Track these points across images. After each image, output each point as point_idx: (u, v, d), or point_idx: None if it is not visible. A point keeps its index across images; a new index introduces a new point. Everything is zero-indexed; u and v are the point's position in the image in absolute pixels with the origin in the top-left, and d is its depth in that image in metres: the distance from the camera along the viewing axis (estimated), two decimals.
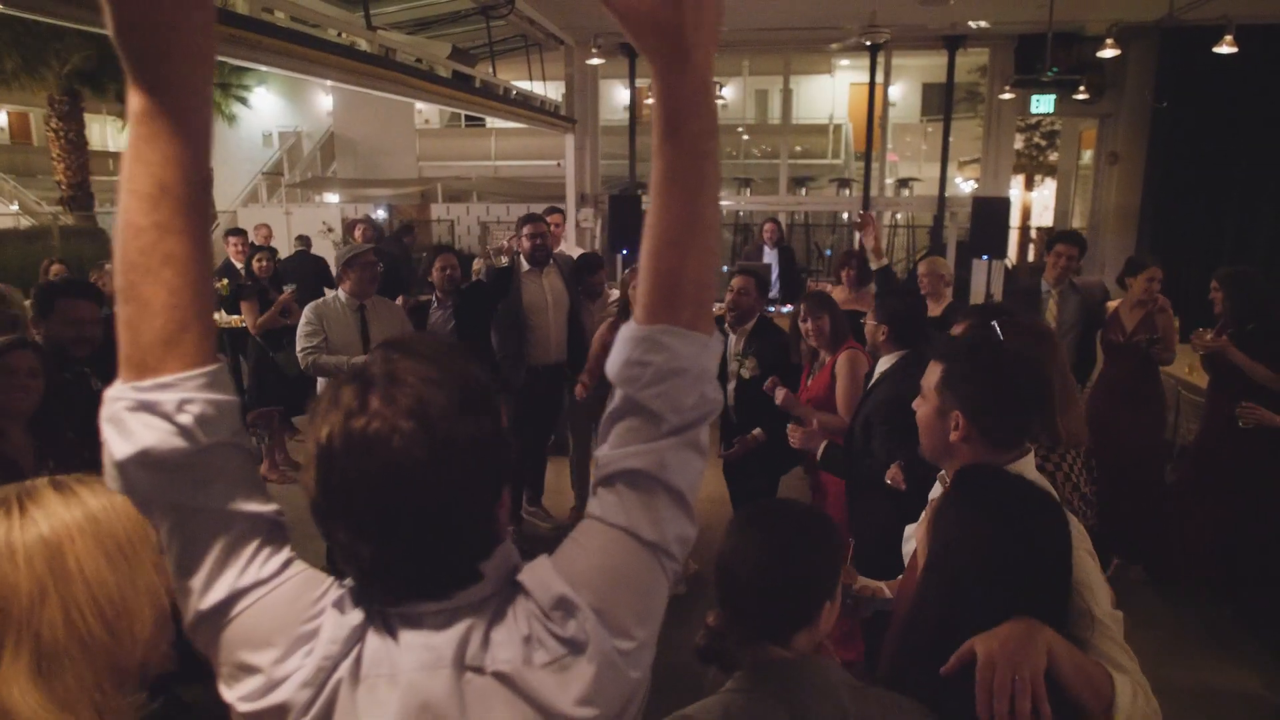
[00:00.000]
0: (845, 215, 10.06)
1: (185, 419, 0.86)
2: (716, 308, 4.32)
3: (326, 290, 5.33)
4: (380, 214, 13.95)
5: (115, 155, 23.02)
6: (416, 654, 0.90)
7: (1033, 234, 15.04)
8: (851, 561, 2.34)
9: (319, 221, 12.29)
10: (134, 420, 0.86)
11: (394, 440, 0.85)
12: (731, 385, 4.37)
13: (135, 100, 0.84)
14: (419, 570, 0.90)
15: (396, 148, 17.13)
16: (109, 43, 0.85)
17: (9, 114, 23.05)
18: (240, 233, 7.47)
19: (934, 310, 5.56)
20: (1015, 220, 17.07)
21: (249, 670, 0.90)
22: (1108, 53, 6.58)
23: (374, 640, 0.91)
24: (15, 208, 18.51)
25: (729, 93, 21.69)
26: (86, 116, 16.27)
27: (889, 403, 3.12)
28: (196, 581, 0.90)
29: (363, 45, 5.28)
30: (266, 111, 19.02)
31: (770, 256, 8.15)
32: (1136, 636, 1.59)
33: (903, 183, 15.65)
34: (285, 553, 0.95)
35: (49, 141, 15.59)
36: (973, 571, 1.38)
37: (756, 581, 1.34)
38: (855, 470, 3.30)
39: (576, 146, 9.31)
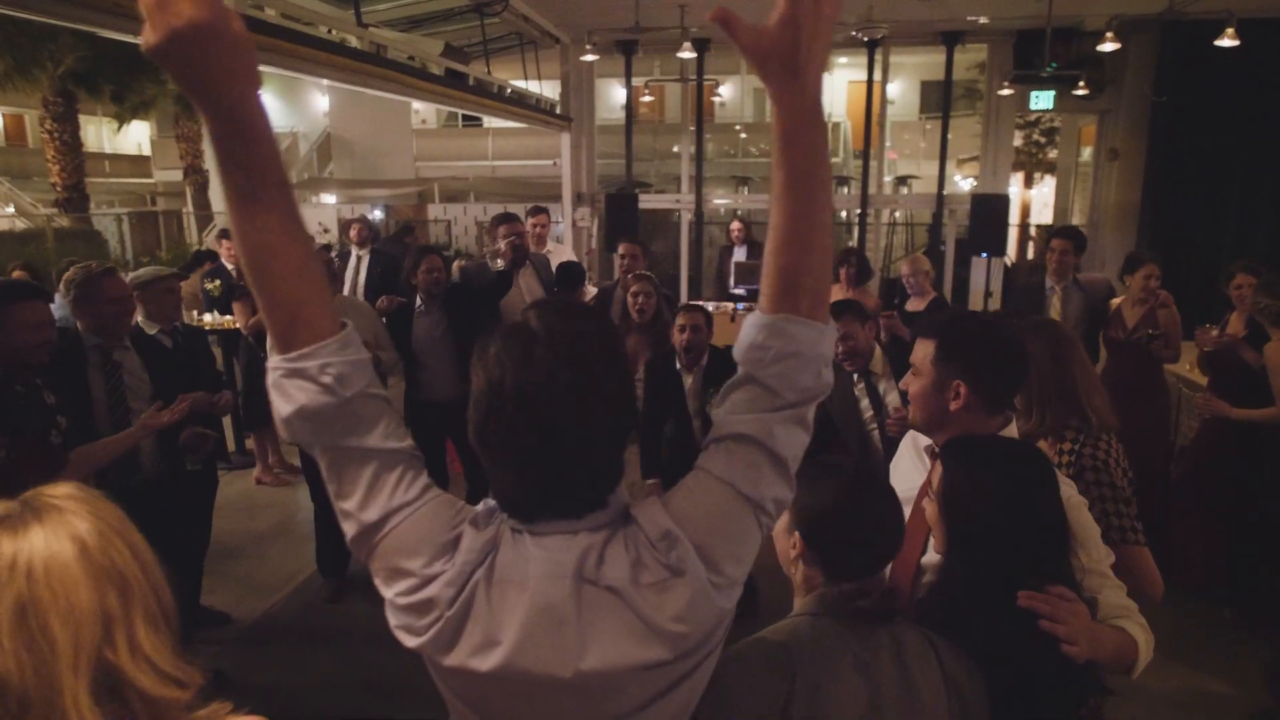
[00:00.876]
0: (844, 213, 9.98)
1: (327, 379, 1.05)
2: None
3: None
4: (377, 214, 13.88)
5: (111, 157, 22.98)
6: (543, 565, 1.06)
7: (1032, 231, 14.97)
8: None
9: (315, 222, 12.21)
10: (290, 385, 1.06)
11: (557, 387, 1.03)
12: (698, 423, 3.98)
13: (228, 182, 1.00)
14: (564, 492, 1.08)
15: (393, 148, 17.06)
16: (103, 44, 0.86)
17: (4, 116, 23.00)
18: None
19: (918, 306, 5.58)
20: (1015, 218, 16.99)
21: (403, 573, 1.08)
22: (1108, 46, 6.51)
23: (506, 551, 1.08)
24: (11, 210, 18.44)
25: (727, 91, 21.62)
26: (82, 118, 16.19)
27: None
28: (353, 504, 1.09)
29: (353, 42, 5.21)
30: None
31: (740, 254, 8.12)
32: None
33: (901, 180, 15.56)
34: (424, 479, 1.13)
35: (44, 143, 15.51)
36: (996, 534, 1.51)
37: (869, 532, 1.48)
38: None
39: (573, 145, 9.24)
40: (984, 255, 8.61)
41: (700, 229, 9.64)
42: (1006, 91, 8.39)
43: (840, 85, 20.33)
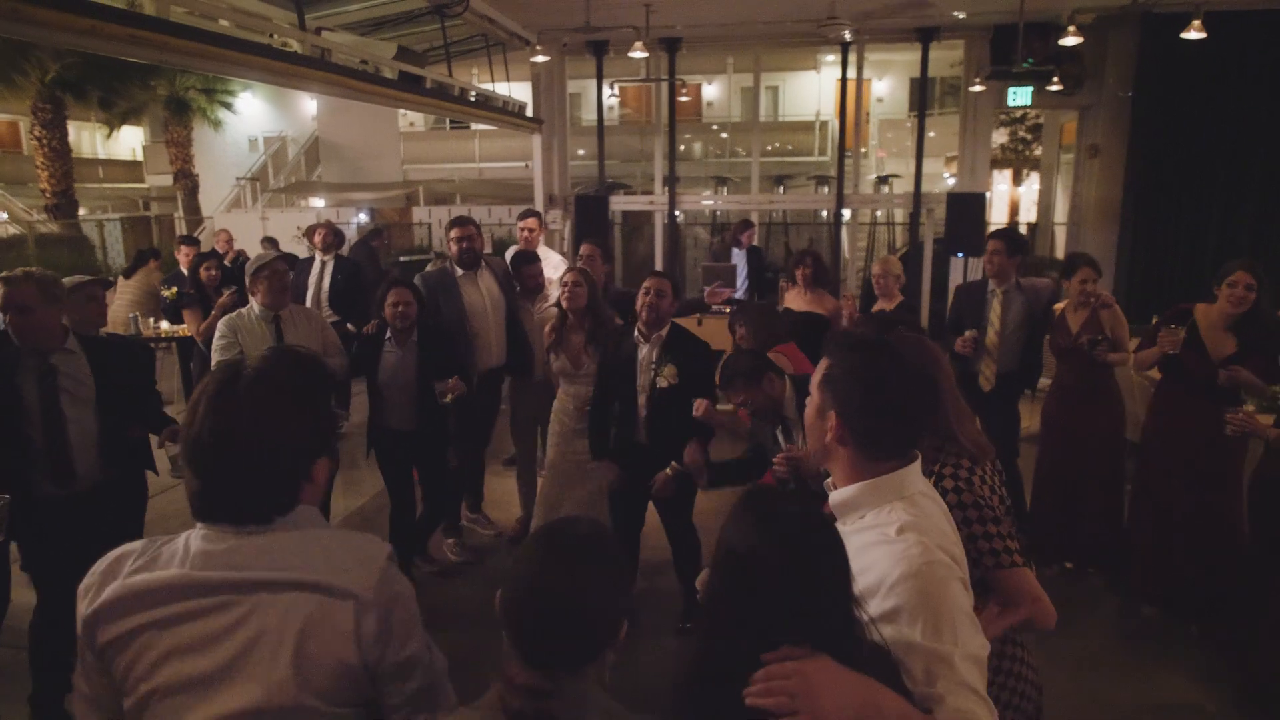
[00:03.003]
0: (825, 213, 9.87)
1: None
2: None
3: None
4: (363, 217, 13.83)
5: (105, 163, 23.06)
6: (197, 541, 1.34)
7: (1023, 229, 14.79)
8: None
9: (294, 226, 12.15)
10: None
11: (240, 419, 1.30)
12: (643, 398, 3.95)
13: None
14: (228, 503, 1.32)
15: (381, 151, 17.05)
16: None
17: None
18: (192, 241, 7.34)
19: (885, 306, 5.53)
20: (1003, 216, 16.81)
21: None
22: (1070, 40, 6.37)
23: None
24: (4, 216, 18.50)
25: (713, 91, 21.49)
26: (76, 125, 16.21)
27: None
28: None
29: (294, 46, 5.13)
30: (252, 117, 18.95)
31: (738, 258, 8.02)
32: (1077, 647, 1.45)
33: (883, 179, 15.39)
34: None
35: (34, 150, 15.53)
36: (738, 590, 1.30)
37: (555, 616, 1.27)
38: None
39: (544, 147, 9.15)
40: (959, 255, 8.47)
41: (674, 230, 9.52)
42: (978, 88, 8.24)
43: (829, 83, 20.17)
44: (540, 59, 7.16)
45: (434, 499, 4.77)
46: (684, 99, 9.19)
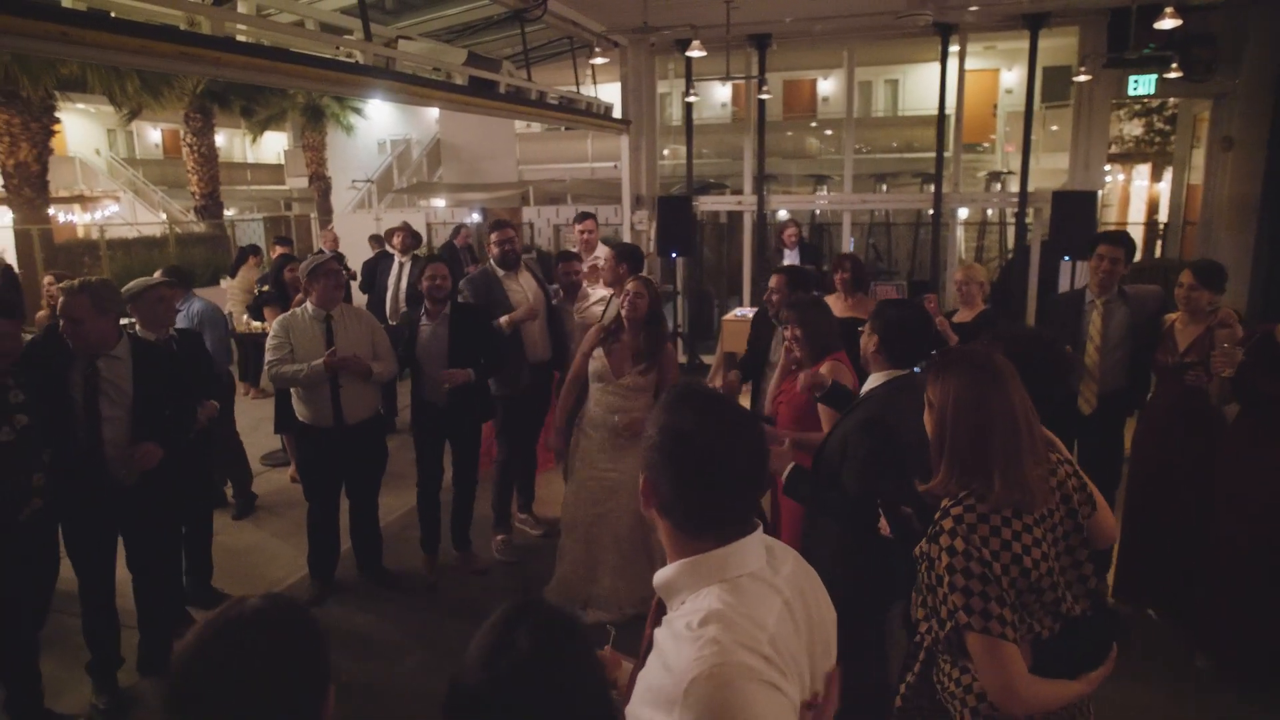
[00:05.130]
0: (930, 211, 9.38)
1: None
2: None
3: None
4: (475, 217, 14.29)
5: (252, 166, 24.84)
6: None
7: (1160, 228, 13.59)
8: None
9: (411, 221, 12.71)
10: None
11: None
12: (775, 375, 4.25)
13: None
14: None
15: (498, 152, 17.49)
16: None
17: (163, 132, 25.36)
18: (285, 241, 7.74)
19: (966, 316, 5.22)
20: (1140, 214, 15.51)
21: None
22: (1167, 23, 5.76)
23: None
24: (163, 216, 20.22)
25: (828, 87, 20.85)
26: (227, 131, 17.52)
27: (868, 425, 2.77)
28: None
29: (358, 56, 5.32)
30: (381, 122, 19.87)
31: (791, 258, 7.79)
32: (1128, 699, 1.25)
33: (995, 176, 14.46)
34: None
35: (186, 156, 16.91)
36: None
37: (209, 707, 1.14)
38: (819, 495, 2.92)
39: (632, 148, 9.14)
40: (1066, 259, 7.87)
41: (763, 231, 9.31)
42: (1083, 77, 7.62)
43: (952, 75, 19.23)
44: (599, 60, 7.11)
45: (463, 477, 5.03)
46: (765, 97, 8.91)
